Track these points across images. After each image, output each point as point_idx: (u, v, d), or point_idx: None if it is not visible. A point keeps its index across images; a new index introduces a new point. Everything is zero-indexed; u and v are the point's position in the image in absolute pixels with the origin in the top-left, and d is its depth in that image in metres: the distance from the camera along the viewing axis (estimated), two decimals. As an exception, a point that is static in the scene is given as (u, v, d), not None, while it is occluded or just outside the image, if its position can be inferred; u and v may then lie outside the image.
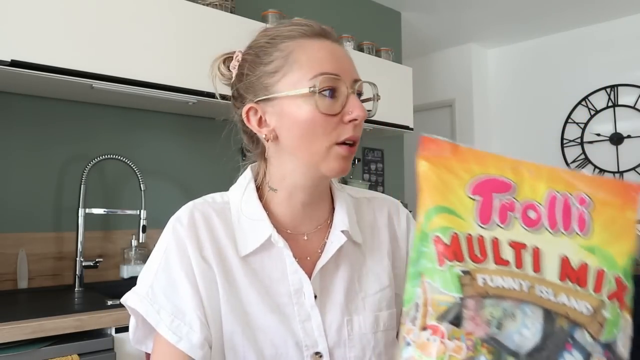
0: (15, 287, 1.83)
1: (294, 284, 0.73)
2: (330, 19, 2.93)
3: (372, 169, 3.32)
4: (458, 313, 0.47)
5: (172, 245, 0.72)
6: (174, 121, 2.32)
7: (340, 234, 0.76)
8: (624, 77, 3.75)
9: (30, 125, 1.94)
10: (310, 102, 0.68)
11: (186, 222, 0.73)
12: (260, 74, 0.72)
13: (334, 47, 0.72)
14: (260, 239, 0.73)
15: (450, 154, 0.54)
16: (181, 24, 1.98)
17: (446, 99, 4.41)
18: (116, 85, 1.80)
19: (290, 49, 0.71)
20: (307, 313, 0.73)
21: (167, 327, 0.68)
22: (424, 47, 4.34)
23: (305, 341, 0.72)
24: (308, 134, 0.69)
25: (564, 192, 0.50)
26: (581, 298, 0.47)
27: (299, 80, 0.69)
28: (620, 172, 3.74)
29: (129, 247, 2.06)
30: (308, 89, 0.68)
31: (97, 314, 1.43)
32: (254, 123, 0.74)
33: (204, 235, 0.73)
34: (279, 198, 0.76)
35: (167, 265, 0.71)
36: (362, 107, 0.69)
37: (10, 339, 1.28)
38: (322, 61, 0.69)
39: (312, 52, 0.70)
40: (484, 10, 3.59)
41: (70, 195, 1.99)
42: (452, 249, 0.49)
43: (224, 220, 0.75)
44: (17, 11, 1.58)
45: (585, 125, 3.91)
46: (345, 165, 0.71)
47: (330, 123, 0.69)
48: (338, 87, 0.69)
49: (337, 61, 0.70)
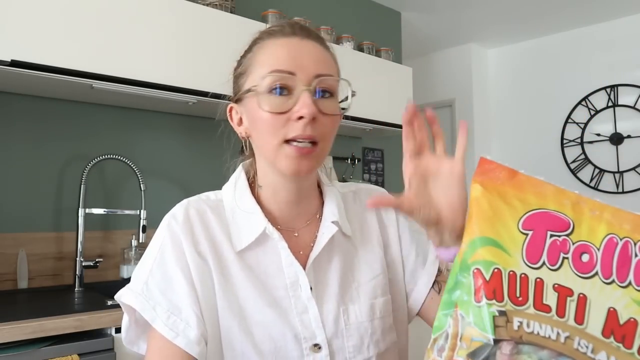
0: (15, 287, 1.83)
1: (290, 277, 0.73)
2: (330, 19, 2.93)
3: (372, 169, 3.32)
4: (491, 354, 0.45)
5: (168, 242, 0.72)
6: (174, 121, 2.32)
7: (331, 225, 0.77)
8: (624, 77, 3.75)
9: (30, 125, 1.94)
10: (264, 101, 0.69)
11: (181, 218, 0.74)
12: (236, 76, 0.77)
13: (300, 43, 0.72)
14: (255, 232, 0.73)
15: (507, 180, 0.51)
16: (181, 24, 1.98)
17: (446, 99, 4.41)
18: (116, 85, 1.80)
19: (257, 49, 0.74)
20: (304, 305, 0.73)
21: (164, 323, 0.68)
22: (424, 47, 4.34)
23: (303, 333, 0.72)
24: (260, 132, 0.71)
25: (626, 238, 0.46)
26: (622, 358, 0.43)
27: (257, 79, 0.70)
28: (620, 172, 3.74)
29: (129, 247, 2.06)
30: (253, 87, 0.70)
31: (97, 314, 1.43)
32: (235, 122, 0.78)
33: (199, 231, 0.73)
34: (266, 194, 0.77)
35: (162, 261, 0.71)
36: (310, 104, 0.67)
37: (10, 339, 1.28)
38: (277, 58, 0.70)
39: (271, 50, 0.71)
40: (484, 10, 3.59)
41: (70, 195, 1.99)
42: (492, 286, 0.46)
43: (219, 217, 0.76)
44: (17, 11, 1.58)
45: (585, 125, 3.91)
46: (297, 165, 0.69)
47: (280, 121, 0.68)
48: (290, 84, 0.69)
49: (294, 58, 0.69)
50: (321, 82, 0.70)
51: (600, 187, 3.82)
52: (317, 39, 0.74)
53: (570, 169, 3.95)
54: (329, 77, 0.71)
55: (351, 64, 2.67)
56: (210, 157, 2.37)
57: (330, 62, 0.74)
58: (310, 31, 0.74)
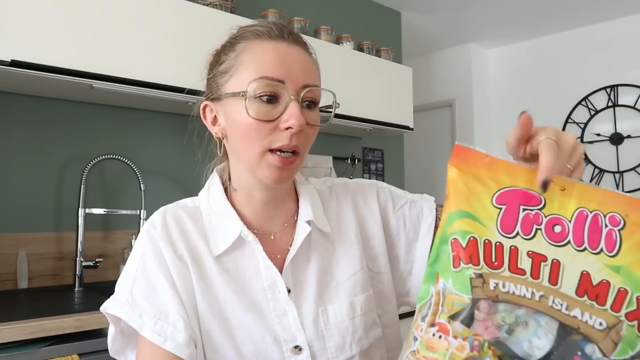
0: (15, 287, 1.83)
1: (267, 280, 0.73)
2: (330, 19, 2.93)
3: (372, 169, 3.32)
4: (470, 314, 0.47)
5: (148, 250, 0.73)
6: (174, 121, 2.32)
7: (305, 225, 0.76)
8: (624, 77, 3.75)
9: (30, 125, 1.94)
10: (245, 105, 0.67)
11: (159, 225, 0.74)
12: (214, 73, 0.75)
13: (289, 50, 0.70)
14: (231, 237, 0.73)
15: (481, 163, 0.54)
16: (181, 24, 1.98)
17: (446, 99, 4.41)
18: (116, 85, 1.80)
19: (241, 49, 0.71)
20: (283, 308, 0.73)
21: (151, 329, 0.68)
22: (424, 47, 4.34)
23: (283, 336, 0.71)
24: (244, 137, 0.69)
25: (595, 211, 0.49)
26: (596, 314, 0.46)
27: (242, 82, 0.69)
28: (620, 172, 3.74)
29: (129, 247, 2.06)
30: (240, 92, 0.68)
31: (97, 314, 1.43)
32: (209, 120, 0.77)
33: (176, 237, 0.74)
34: (240, 197, 0.76)
35: (144, 269, 0.72)
36: (299, 115, 0.66)
37: (10, 339, 1.28)
38: (267, 64, 0.68)
39: (260, 54, 0.69)
40: (484, 10, 3.59)
41: (70, 195, 1.99)
42: (468, 252, 0.50)
43: (196, 223, 0.76)
44: (17, 11, 1.58)
45: (585, 125, 3.91)
46: (279, 175, 0.69)
47: (265, 129, 0.67)
48: (279, 93, 0.68)
49: (283, 66, 0.68)
50: (308, 92, 0.69)
51: (600, 187, 3.82)
52: (304, 45, 0.73)
53: (571, 169, 3.95)
54: (316, 87, 0.71)
55: (351, 64, 2.67)
56: (211, 157, 2.37)
57: (316, 71, 0.74)
58: (298, 36, 0.73)
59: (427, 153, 4.51)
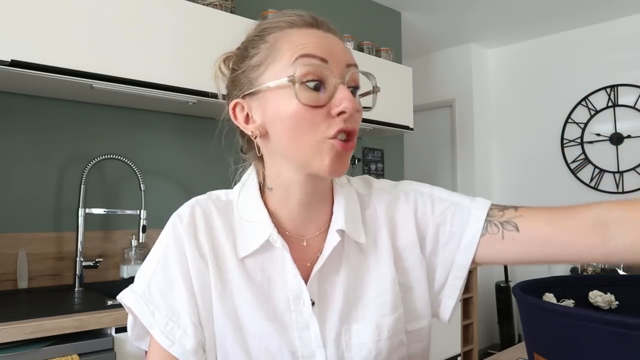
0: (15, 287, 1.83)
1: (293, 290, 0.69)
2: (330, 19, 2.92)
3: (372, 168, 3.32)
4: None
5: (171, 244, 0.70)
6: (174, 121, 2.32)
7: (336, 234, 0.70)
8: (624, 77, 3.75)
9: (30, 125, 1.94)
10: (292, 94, 0.62)
11: (186, 220, 0.71)
12: (245, 68, 0.68)
13: (325, 35, 0.66)
14: (260, 239, 0.69)
15: None
16: (181, 24, 1.98)
17: (446, 99, 4.41)
18: (116, 85, 1.80)
19: (275, 39, 0.66)
20: (306, 321, 0.68)
21: (161, 330, 0.66)
22: (424, 47, 4.34)
23: (301, 351, 0.67)
24: (293, 129, 0.63)
25: None
26: None
27: (281, 70, 0.64)
28: (620, 172, 3.74)
29: (129, 247, 2.06)
30: (287, 78, 0.62)
31: (97, 314, 1.43)
32: (241, 120, 0.70)
33: (202, 233, 0.70)
34: (276, 197, 0.71)
35: (165, 264, 0.69)
36: (352, 98, 0.62)
37: (10, 339, 1.28)
38: (308, 45, 0.63)
39: (297, 38, 0.65)
40: (484, 10, 3.60)
41: (70, 195, 1.99)
42: None
43: (226, 219, 0.72)
44: (17, 11, 1.58)
45: (585, 125, 3.91)
46: (339, 163, 0.64)
47: (317, 116, 0.62)
48: (324, 76, 0.63)
49: (323, 46, 0.64)
50: (353, 73, 0.65)
51: (600, 187, 3.82)
52: (336, 33, 0.70)
53: (570, 169, 3.96)
54: (357, 68, 0.66)
55: (351, 64, 2.67)
56: (211, 157, 2.38)
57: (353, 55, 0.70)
58: (331, 25, 0.70)
59: (427, 153, 4.51)
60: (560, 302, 0.81)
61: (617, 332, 0.53)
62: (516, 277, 4.12)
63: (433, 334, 0.79)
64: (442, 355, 2.71)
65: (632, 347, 0.53)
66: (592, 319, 0.56)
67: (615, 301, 0.83)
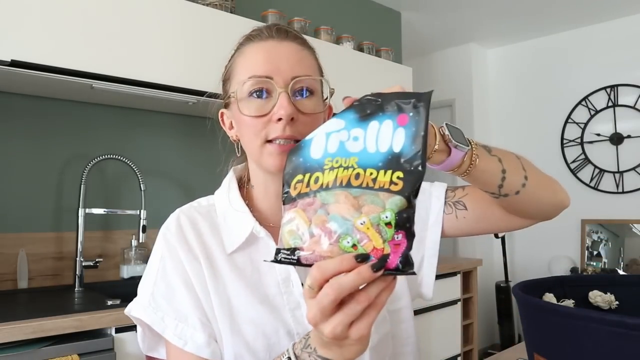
0: (15, 287, 1.83)
1: (281, 274, 0.76)
2: (330, 19, 2.93)
3: (372, 169, 3.32)
4: None
5: (166, 253, 0.76)
6: (174, 121, 2.32)
7: None
8: (624, 77, 3.75)
9: (30, 125, 1.94)
10: (244, 105, 0.73)
11: (174, 228, 0.78)
12: (223, 81, 0.80)
13: (277, 46, 0.74)
14: (244, 233, 0.76)
15: None
16: (181, 24, 1.98)
17: (446, 99, 4.41)
18: (116, 85, 1.80)
19: (237, 55, 0.77)
20: (297, 301, 0.75)
21: (173, 332, 0.71)
22: (424, 47, 4.34)
23: (296, 329, 0.73)
24: (244, 134, 0.75)
25: None
26: None
27: (238, 85, 0.74)
28: (620, 172, 3.74)
29: (129, 247, 2.07)
30: (232, 94, 0.74)
31: (97, 314, 1.43)
32: (227, 126, 0.82)
33: (191, 237, 0.77)
34: (257, 193, 0.80)
35: (164, 272, 0.75)
36: (287, 105, 0.70)
37: (10, 339, 1.28)
38: (254, 64, 0.73)
39: (249, 56, 0.75)
40: (484, 10, 3.60)
41: (70, 195, 1.99)
42: None
43: (210, 221, 0.79)
44: (17, 11, 1.58)
45: (585, 125, 3.91)
46: (279, 161, 0.71)
47: (260, 123, 0.72)
48: (269, 88, 0.72)
49: (270, 62, 0.72)
50: (298, 82, 0.72)
51: (600, 187, 3.82)
52: (295, 39, 0.76)
53: (570, 169, 3.95)
54: (306, 77, 0.73)
55: (351, 64, 2.67)
56: (210, 157, 2.37)
57: (309, 62, 0.76)
58: (288, 32, 0.76)
59: (427, 153, 4.51)
60: (560, 302, 0.81)
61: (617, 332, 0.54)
62: (516, 277, 4.12)
63: (433, 334, 0.81)
64: (442, 355, 2.71)
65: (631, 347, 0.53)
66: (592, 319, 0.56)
67: (615, 301, 0.83)
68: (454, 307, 2.79)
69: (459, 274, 2.85)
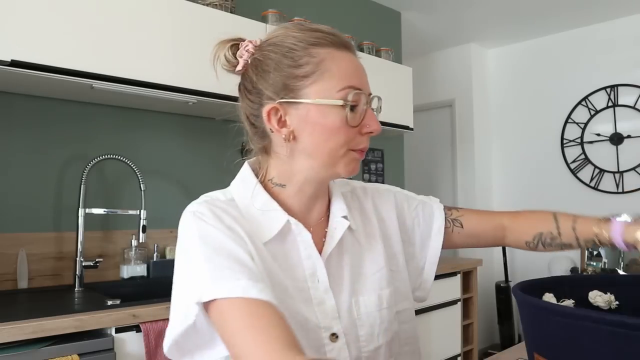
0: (15, 287, 1.83)
1: (308, 269, 0.77)
2: (330, 19, 2.93)
3: (372, 168, 3.32)
4: None
5: (206, 230, 0.70)
6: (174, 121, 2.32)
7: (342, 220, 0.82)
8: (624, 77, 3.75)
9: (30, 125, 1.94)
10: (339, 113, 0.73)
11: (207, 212, 0.72)
12: (287, 75, 0.74)
13: (356, 61, 0.78)
14: (277, 226, 0.76)
15: None
16: (181, 24, 1.98)
17: (446, 99, 4.41)
18: (116, 85, 1.80)
19: (322, 57, 0.74)
20: (321, 297, 0.76)
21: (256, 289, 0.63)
22: (424, 47, 4.34)
23: (322, 323, 0.75)
24: (331, 140, 0.74)
25: None
26: None
27: (329, 90, 0.73)
28: (620, 172, 3.74)
29: (129, 247, 2.07)
30: (341, 101, 0.73)
31: (97, 314, 1.43)
32: (274, 122, 0.75)
33: (228, 220, 0.72)
34: (288, 192, 0.79)
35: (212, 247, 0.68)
36: (377, 121, 0.77)
37: (10, 339, 1.28)
38: (351, 75, 0.75)
39: (342, 64, 0.75)
40: (484, 10, 3.60)
41: (70, 195, 1.99)
42: None
43: (236, 213, 0.75)
44: (17, 11, 1.58)
45: (585, 125, 3.91)
46: (357, 167, 0.79)
47: (351, 133, 0.75)
48: (359, 100, 0.75)
49: (360, 76, 0.77)
50: (372, 99, 0.78)
51: (600, 187, 3.82)
52: (355, 53, 0.80)
53: (570, 169, 3.95)
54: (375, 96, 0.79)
55: (351, 64, 2.67)
56: (211, 157, 2.37)
57: None
58: (353, 46, 0.80)
59: (427, 153, 4.51)
60: (560, 302, 0.81)
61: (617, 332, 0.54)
62: (516, 277, 4.12)
63: (433, 334, 0.82)
64: (442, 355, 2.71)
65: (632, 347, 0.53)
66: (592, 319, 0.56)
67: (615, 301, 0.83)
68: (454, 307, 2.79)
69: (459, 274, 2.85)
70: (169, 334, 0.69)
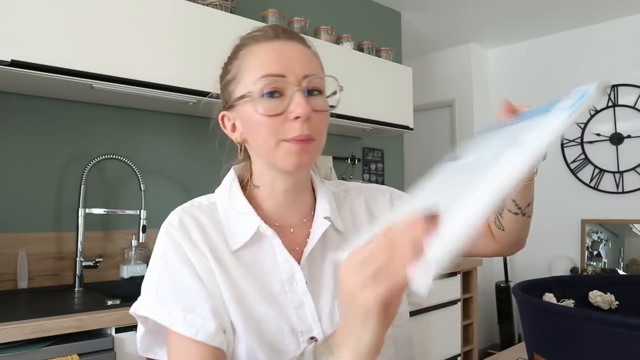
0: (15, 287, 1.83)
1: (285, 272, 0.76)
2: (330, 19, 2.93)
3: (372, 169, 3.32)
4: None
5: (169, 247, 0.75)
6: (174, 121, 2.32)
7: (324, 221, 0.80)
8: (624, 77, 3.74)
9: (30, 125, 1.94)
10: (257, 105, 0.72)
11: (177, 224, 0.76)
12: (225, 83, 0.78)
13: (286, 46, 0.75)
14: (249, 231, 0.76)
15: None
16: (181, 24, 1.98)
17: (446, 99, 4.41)
18: (116, 85, 1.80)
19: (242, 56, 0.76)
20: (300, 300, 0.75)
21: (182, 323, 0.69)
22: (424, 47, 4.34)
23: (300, 327, 0.74)
24: (257, 134, 0.73)
25: None
26: None
27: (248, 85, 0.73)
28: (620, 172, 3.74)
29: (129, 247, 2.07)
30: (251, 92, 0.72)
31: (97, 314, 1.43)
32: (229, 129, 0.80)
33: (195, 234, 0.75)
34: (263, 193, 0.80)
35: (167, 267, 0.74)
36: (305, 104, 0.70)
37: (10, 339, 1.28)
38: (266, 63, 0.73)
39: (259, 55, 0.74)
40: (483, 10, 3.60)
41: (70, 195, 1.99)
42: None
43: (212, 220, 0.78)
44: (17, 11, 1.58)
45: (585, 125, 3.91)
46: (298, 159, 0.72)
47: (276, 122, 0.71)
48: (282, 87, 0.72)
49: (282, 61, 0.73)
50: (310, 81, 0.73)
51: (600, 187, 3.82)
52: (300, 40, 0.77)
53: (570, 169, 3.95)
54: (316, 76, 0.74)
55: (351, 64, 2.67)
56: (210, 157, 2.37)
57: (315, 61, 0.78)
58: (293, 33, 0.78)
59: (427, 153, 4.51)
60: (560, 302, 0.81)
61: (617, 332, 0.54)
62: (516, 277, 4.12)
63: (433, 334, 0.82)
64: (442, 355, 2.71)
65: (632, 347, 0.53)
66: (592, 319, 0.56)
67: (615, 301, 0.83)
68: (454, 307, 2.79)
69: (458, 274, 2.85)
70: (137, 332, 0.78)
